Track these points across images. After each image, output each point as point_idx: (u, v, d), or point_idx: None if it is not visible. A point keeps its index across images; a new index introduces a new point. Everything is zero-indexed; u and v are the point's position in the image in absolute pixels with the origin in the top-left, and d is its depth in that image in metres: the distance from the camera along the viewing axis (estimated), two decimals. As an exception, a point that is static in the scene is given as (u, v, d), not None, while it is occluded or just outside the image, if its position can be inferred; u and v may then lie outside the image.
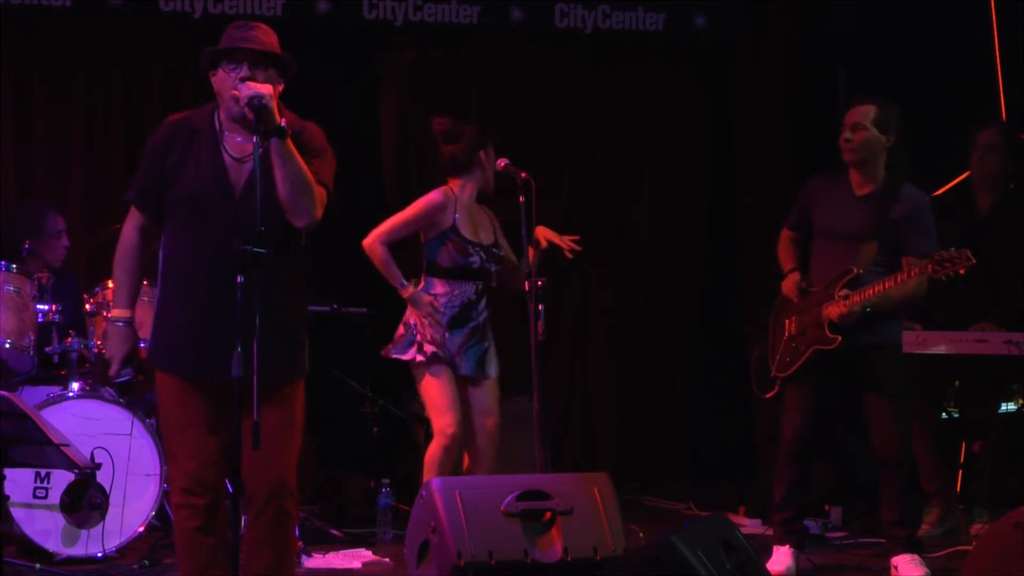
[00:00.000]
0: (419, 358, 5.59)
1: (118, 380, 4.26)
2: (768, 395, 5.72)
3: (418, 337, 5.61)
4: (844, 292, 5.38)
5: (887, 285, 5.29)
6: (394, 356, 5.67)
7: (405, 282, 5.65)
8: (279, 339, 4.07)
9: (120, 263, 4.27)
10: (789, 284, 5.67)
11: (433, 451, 5.57)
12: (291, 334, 4.15)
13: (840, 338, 5.37)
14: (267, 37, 4.12)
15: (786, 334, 5.61)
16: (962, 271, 5.16)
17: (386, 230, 5.68)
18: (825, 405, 5.60)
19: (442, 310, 5.62)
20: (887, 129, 5.46)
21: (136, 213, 4.26)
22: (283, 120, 3.96)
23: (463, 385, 5.65)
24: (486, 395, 5.67)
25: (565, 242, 5.69)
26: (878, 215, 5.42)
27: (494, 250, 5.72)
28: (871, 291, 5.31)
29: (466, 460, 5.71)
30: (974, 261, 5.14)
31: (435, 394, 5.58)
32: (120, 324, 4.24)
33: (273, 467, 4.08)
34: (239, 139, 4.08)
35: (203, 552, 4.11)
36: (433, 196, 5.69)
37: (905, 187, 5.49)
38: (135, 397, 6.26)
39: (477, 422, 5.65)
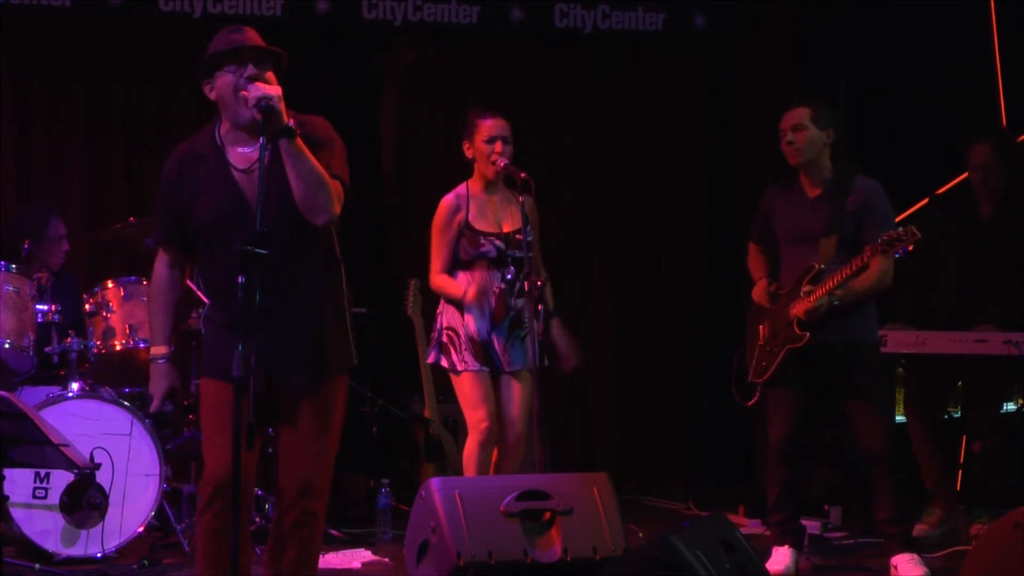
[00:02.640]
0: (443, 363, 5.62)
1: (158, 413, 4.33)
2: (749, 403, 5.76)
3: (445, 338, 5.60)
4: (808, 288, 5.43)
5: (845, 273, 5.33)
6: (429, 361, 5.71)
7: (463, 291, 5.57)
8: (305, 339, 4.08)
9: (154, 301, 4.30)
10: (759, 291, 5.74)
11: (468, 447, 5.59)
12: (320, 333, 4.14)
13: (808, 335, 5.42)
14: (258, 37, 4.12)
15: (760, 340, 5.67)
16: (910, 247, 5.21)
17: (434, 261, 5.64)
18: (811, 404, 5.61)
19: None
20: (824, 126, 5.53)
21: (162, 251, 4.27)
22: (291, 120, 3.96)
23: (504, 379, 5.61)
24: (519, 398, 5.62)
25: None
26: (833, 210, 5.47)
27: (516, 236, 5.57)
28: (831, 282, 5.36)
29: (495, 454, 5.68)
30: (919, 236, 5.17)
31: (465, 390, 5.58)
32: (161, 362, 4.26)
33: (301, 467, 4.10)
34: (241, 149, 4.07)
35: (224, 555, 4.10)
36: (442, 202, 5.65)
37: (857, 179, 5.55)
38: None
39: (507, 419, 5.63)
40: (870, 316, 5.55)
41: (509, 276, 5.60)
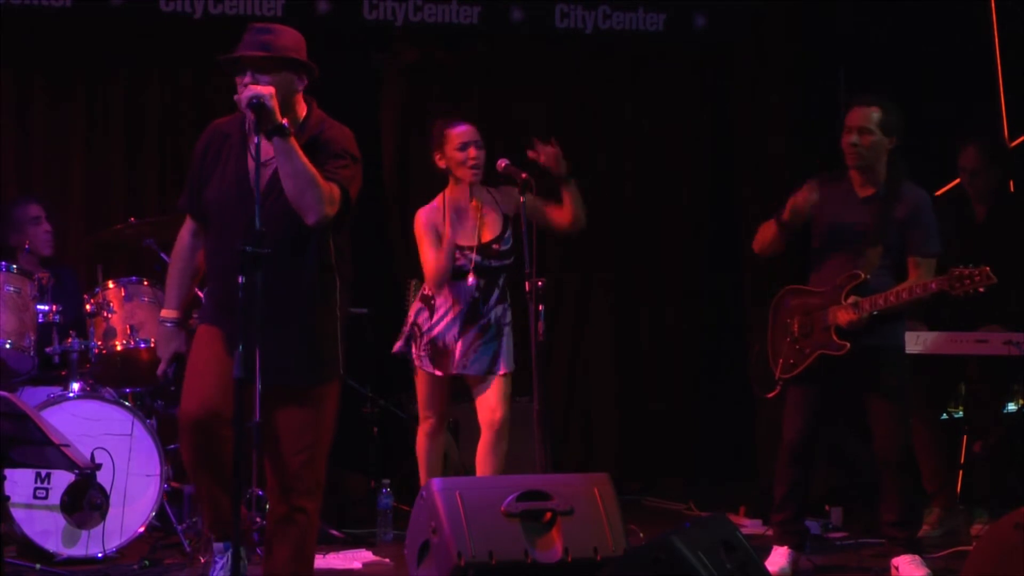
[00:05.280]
0: (412, 356, 5.78)
1: (165, 381, 4.45)
2: (770, 395, 5.67)
3: (415, 332, 5.77)
4: (853, 299, 5.34)
5: (902, 296, 5.26)
6: (394, 350, 5.86)
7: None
8: (293, 340, 4.10)
9: (172, 265, 4.44)
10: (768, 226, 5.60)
11: (418, 439, 5.87)
12: (309, 335, 4.18)
13: (849, 345, 5.34)
14: (278, 40, 4.15)
15: (788, 335, 5.58)
16: (981, 289, 5.14)
17: (427, 274, 5.75)
18: (827, 406, 5.59)
19: (442, 308, 5.70)
20: (891, 132, 5.43)
21: (189, 218, 4.40)
22: (285, 119, 4.01)
23: (472, 382, 5.73)
24: (494, 391, 5.71)
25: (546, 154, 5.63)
26: (882, 217, 5.40)
27: (493, 246, 5.71)
28: (882, 300, 5.28)
29: (478, 455, 5.76)
30: (995, 280, 5.12)
31: (418, 385, 5.82)
32: (168, 325, 4.42)
33: (286, 464, 4.16)
34: (264, 142, 4.12)
35: (200, 479, 4.25)
36: (418, 218, 5.79)
37: (906, 186, 5.47)
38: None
39: (484, 418, 5.72)
40: (899, 319, 5.50)
41: (478, 287, 5.68)
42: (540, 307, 5.27)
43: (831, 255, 5.50)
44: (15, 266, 5.92)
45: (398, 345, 5.83)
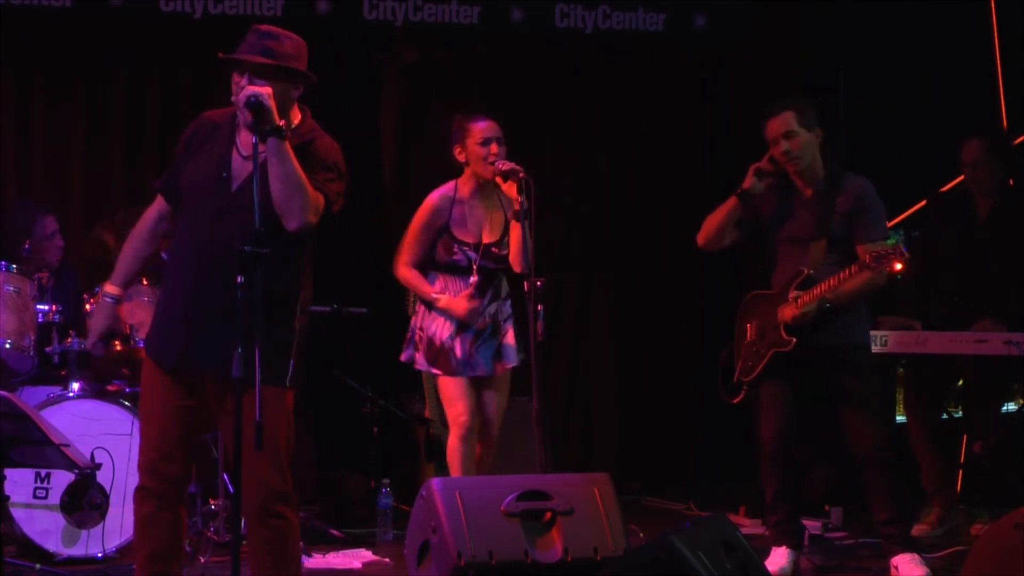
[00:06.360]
0: (417, 366, 5.74)
1: (97, 355, 4.40)
2: (735, 400, 5.72)
3: (416, 337, 5.71)
4: (795, 294, 5.41)
5: (832, 283, 5.31)
6: (402, 359, 5.79)
7: (435, 295, 5.69)
8: (237, 337, 4.02)
9: (129, 242, 4.37)
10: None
11: (450, 443, 5.68)
12: (268, 339, 4.09)
13: (795, 340, 5.39)
14: (281, 47, 4.13)
15: (747, 338, 5.64)
16: (897, 265, 5.20)
17: (404, 252, 5.76)
18: (804, 404, 5.60)
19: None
20: (811, 126, 5.48)
21: (160, 199, 4.35)
22: (283, 121, 4.01)
23: (478, 381, 5.71)
24: (492, 401, 5.75)
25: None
26: (821, 213, 5.44)
27: (493, 248, 5.71)
28: (818, 290, 5.33)
29: (478, 450, 5.75)
30: (907, 255, 5.18)
31: (443, 386, 5.69)
32: (108, 300, 4.36)
33: (250, 470, 4.03)
34: (251, 138, 4.11)
35: (154, 539, 4.16)
36: (427, 201, 5.77)
37: (847, 177, 5.51)
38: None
39: (488, 413, 5.74)
40: (859, 317, 5.52)
41: (479, 283, 5.65)
42: (540, 307, 5.26)
43: (782, 258, 5.57)
44: (15, 266, 5.91)
45: (404, 354, 5.79)
